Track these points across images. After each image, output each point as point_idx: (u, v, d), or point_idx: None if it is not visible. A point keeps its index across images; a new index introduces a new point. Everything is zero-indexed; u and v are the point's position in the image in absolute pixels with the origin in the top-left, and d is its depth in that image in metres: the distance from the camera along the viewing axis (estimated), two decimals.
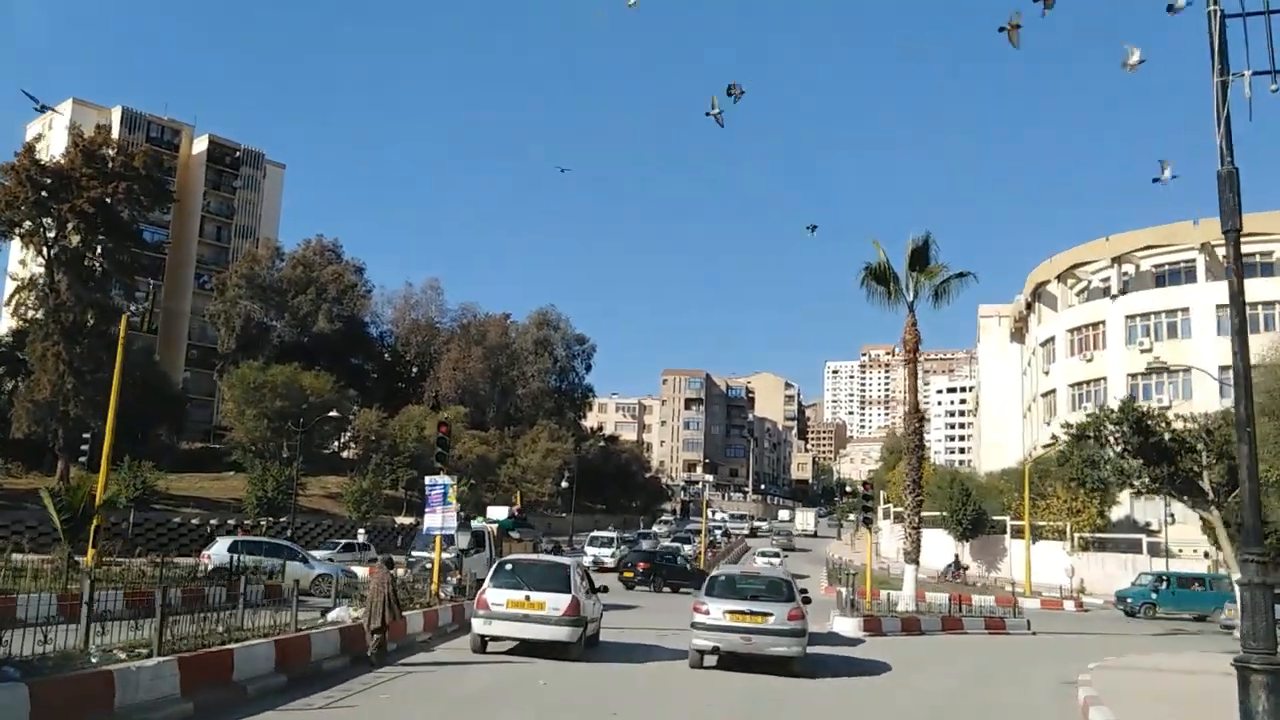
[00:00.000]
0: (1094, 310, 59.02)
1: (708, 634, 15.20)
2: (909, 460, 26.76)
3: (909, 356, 26.04)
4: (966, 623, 24.55)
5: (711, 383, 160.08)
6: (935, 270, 25.74)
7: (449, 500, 20.39)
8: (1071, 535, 48.94)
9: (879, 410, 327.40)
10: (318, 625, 14.10)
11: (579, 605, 15.67)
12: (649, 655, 17.43)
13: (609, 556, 47.27)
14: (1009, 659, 20.36)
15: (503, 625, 15.55)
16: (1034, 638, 24.56)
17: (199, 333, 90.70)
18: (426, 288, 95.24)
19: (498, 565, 17.05)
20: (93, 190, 44.10)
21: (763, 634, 15.06)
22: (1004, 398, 76.03)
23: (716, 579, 16.66)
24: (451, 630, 18.64)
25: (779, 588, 16.20)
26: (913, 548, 25.41)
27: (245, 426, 57.19)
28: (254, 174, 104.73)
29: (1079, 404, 58.16)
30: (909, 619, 23.51)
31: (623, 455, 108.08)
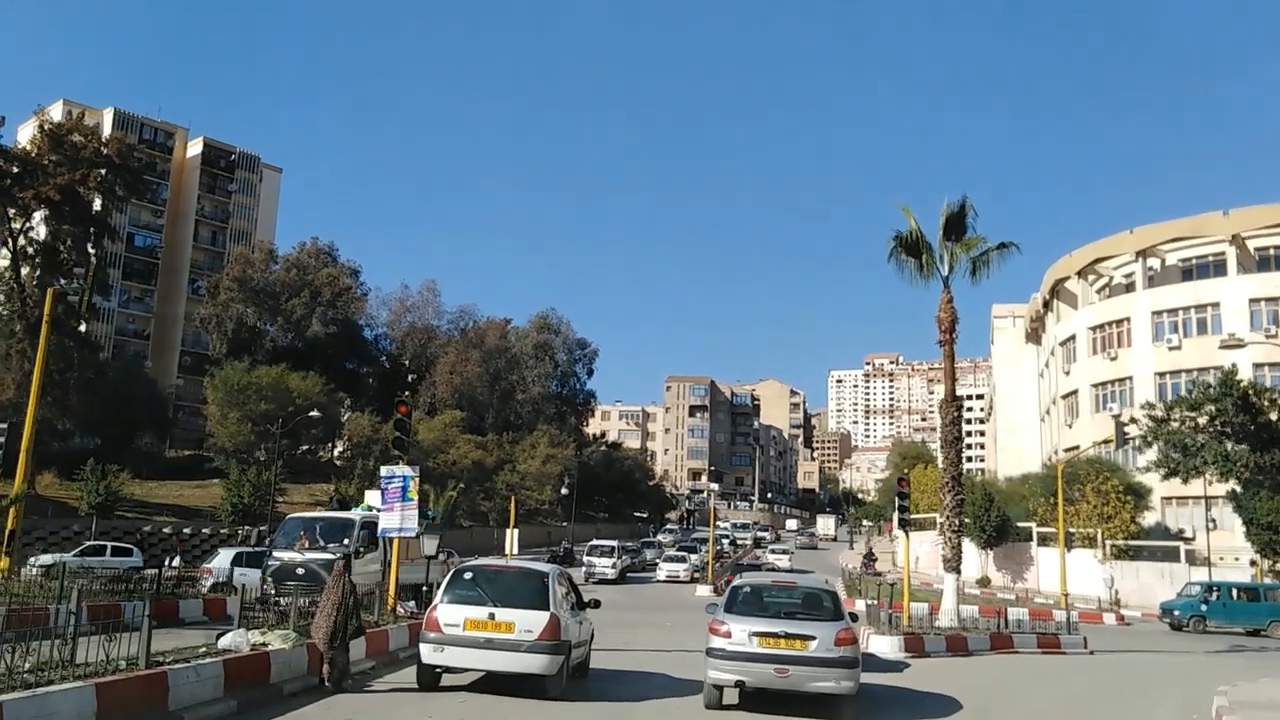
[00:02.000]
0: (1118, 306, 56.27)
1: (729, 664, 11.63)
2: (947, 454, 24.00)
3: (944, 337, 23.27)
4: (1017, 640, 21.69)
5: (716, 390, 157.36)
6: (973, 241, 22.95)
7: (409, 495, 17.19)
8: (1103, 543, 46.06)
9: (884, 419, 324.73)
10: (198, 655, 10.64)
11: (560, 626, 12.00)
12: (653, 689, 13.94)
13: (609, 568, 44.48)
14: (1092, 688, 16.98)
15: (460, 653, 11.86)
16: (1094, 658, 21.64)
17: (192, 339, 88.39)
18: (423, 290, 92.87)
19: (454, 573, 13.10)
20: (60, 178, 41.50)
21: (803, 663, 11.42)
22: (1020, 401, 73.31)
23: (739, 591, 12.76)
24: (406, 656, 14.67)
25: (821, 601, 12.46)
26: (953, 554, 22.64)
27: (228, 430, 54.57)
28: (249, 177, 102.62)
29: (1103, 405, 55.53)
30: (954, 637, 20.63)
31: (626, 463, 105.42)
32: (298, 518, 21.96)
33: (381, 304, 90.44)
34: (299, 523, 21.42)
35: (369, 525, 20.47)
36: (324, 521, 21.36)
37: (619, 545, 49.50)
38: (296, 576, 18.61)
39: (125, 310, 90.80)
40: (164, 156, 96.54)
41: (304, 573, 18.92)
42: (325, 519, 21.61)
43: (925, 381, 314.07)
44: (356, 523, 20.69)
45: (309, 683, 11.90)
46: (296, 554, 19.87)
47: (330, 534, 20.48)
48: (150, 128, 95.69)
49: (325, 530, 20.73)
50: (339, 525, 20.95)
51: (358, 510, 22.64)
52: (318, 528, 20.87)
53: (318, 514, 22.96)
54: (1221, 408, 25.96)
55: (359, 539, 20.40)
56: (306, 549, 19.99)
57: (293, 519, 21.88)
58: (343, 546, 19.93)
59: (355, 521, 20.74)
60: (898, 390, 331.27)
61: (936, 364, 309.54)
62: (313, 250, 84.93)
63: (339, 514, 22.30)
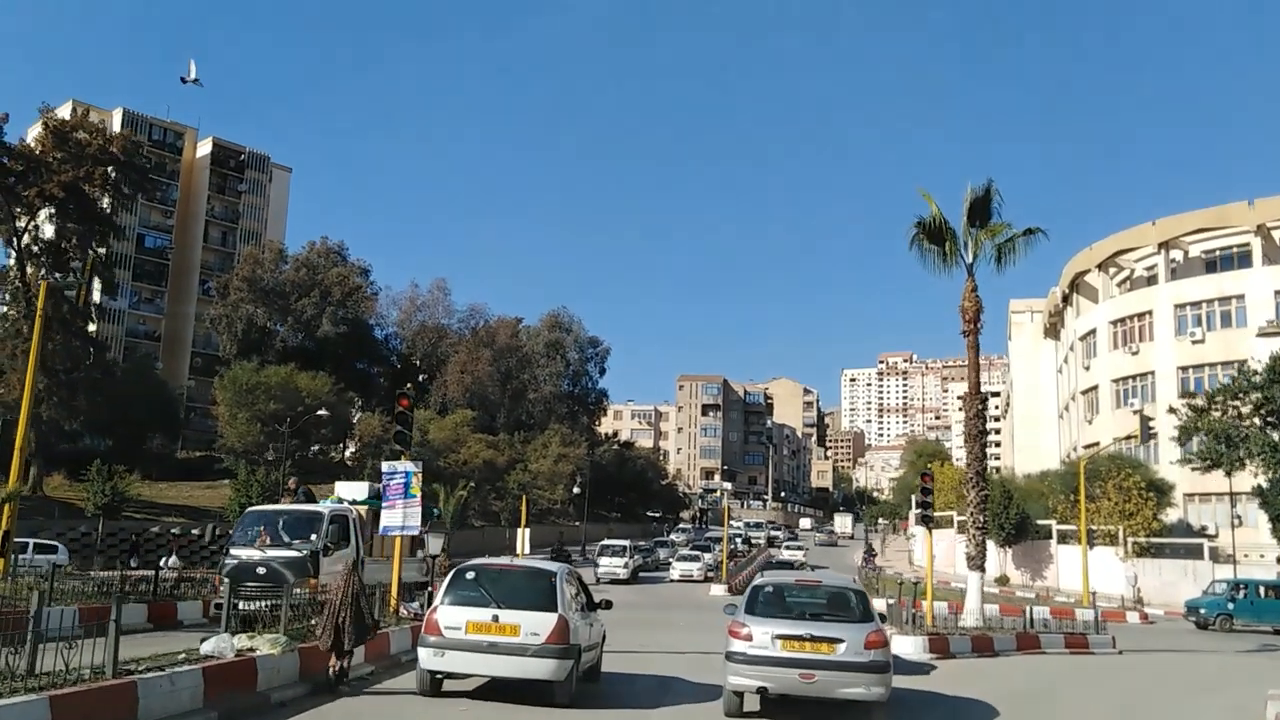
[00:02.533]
0: (1139, 300, 55.30)
1: (751, 668, 10.85)
2: (970, 449, 23.20)
3: (968, 327, 22.49)
4: (1044, 640, 20.91)
5: (729, 388, 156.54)
6: (998, 227, 22.08)
7: (412, 492, 16.37)
8: (1125, 540, 45.15)
9: (897, 418, 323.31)
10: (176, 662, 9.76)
11: (569, 628, 11.26)
12: (668, 695, 13.11)
13: (621, 567, 43.70)
14: (1132, 692, 16.04)
15: (461, 658, 11.13)
16: (1124, 658, 20.85)
17: (204, 340, 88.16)
18: (433, 288, 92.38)
19: (455, 573, 12.29)
20: (64, 175, 41.02)
21: (830, 668, 10.62)
22: (1038, 397, 72.36)
23: (760, 590, 11.94)
24: (408, 660, 13.78)
25: (848, 601, 11.68)
26: (977, 552, 21.85)
27: (237, 431, 54.12)
28: (259, 178, 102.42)
29: (1124, 400, 54.62)
30: (980, 637, 19.82)
31: (638, 462, 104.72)
32: (258, 511, 19.47)
33: (392, 303, 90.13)
34: (259, 517, 18.88)
35: (339, 519, 18.46)
36: (287, 515, 18.71)
37: (631, 544, 48.69)
38: (257, 577, 16.74)
39: (136, 312, 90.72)
40: (174, 157, 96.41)
41: (265, 572, 16.94)
42: (289, 512, 18.90)
43: (939, 380, 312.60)
44: (324, 516, 18.25)
45: (301, 690, 11.22)
46: (256, 552, 17.64)
47: (295, 529, 18.11)
48: (159, 128, 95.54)
49: (289, 525, 18.26)
50: (304, 519, 18.43)
51: (327, 503, 20.20)
52: (280, 522, 18.36)
53: (281, 506, 20.05)
54: (1269, 395, 24.99)
55: (328, 534, 17.98)
56: (268, 546, 17.73)
57: (252, 513, 19.38)
58: (309, 543, 17.74)
59: (323, 515, 18.33)
60: (911, 388, 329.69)
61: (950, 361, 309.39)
62: (322, 250, 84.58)
63: (304, 507, 19.52)
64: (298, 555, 17.32)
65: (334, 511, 18.68)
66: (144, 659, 9.55)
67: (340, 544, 18.14)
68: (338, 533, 18.15)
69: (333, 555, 17.70)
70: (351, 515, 18.95)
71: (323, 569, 17.20)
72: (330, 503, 20.01)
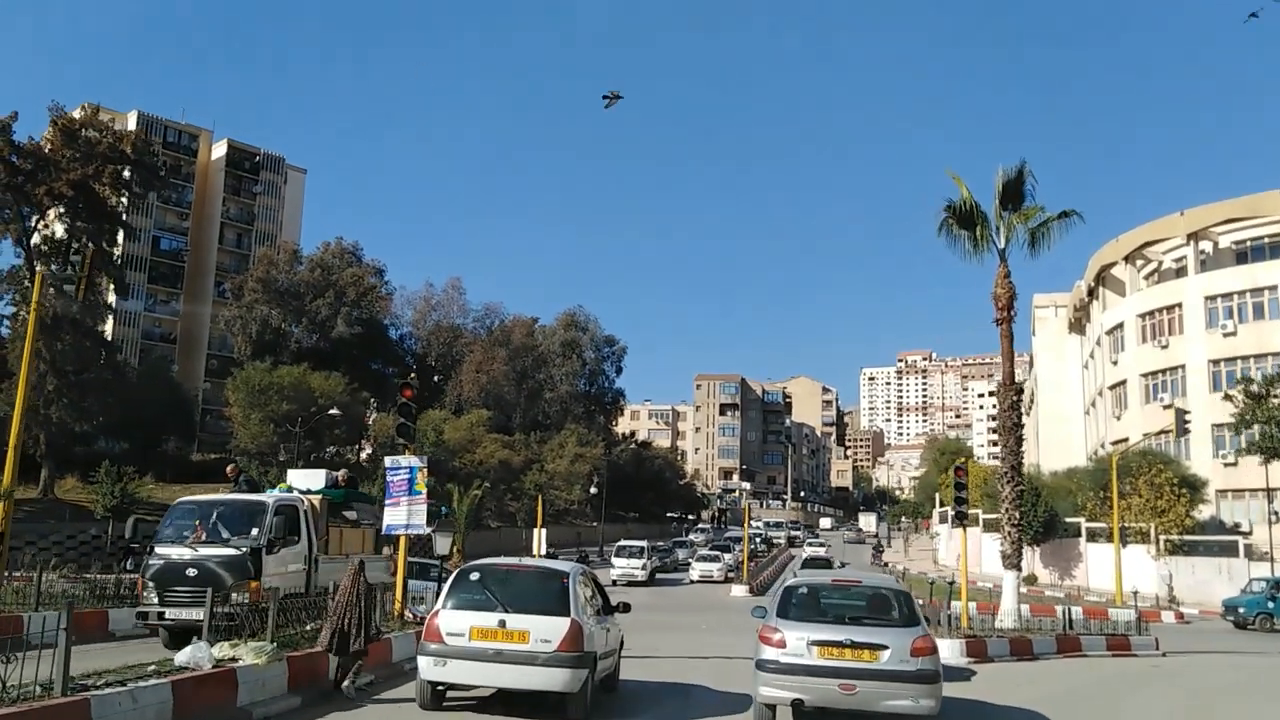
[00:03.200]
0: (1168, 292, 53.98)
1: (784, 679, 9.79)
2: (1006, 441, 22.17)
3: (1002, 315, 21.49)
4: (1085, 642, 19.91)
5: (747, 387, 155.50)
6: (1031, 211, 21.10)
7: (417, 488, 15.34)
8: (1157, 538, 43.96)
9: (917, 417, 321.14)
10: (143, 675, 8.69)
11: (583, 634, 10.24)
12: (692, 707, 12.13)
13: (639, 569, 42.72)
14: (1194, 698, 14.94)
15: (465, 667, 10.12)
16: (1170, 661, 19.82)
17: (219, 342, 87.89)
18: (448, 288, 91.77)
19: (458, 574, 11.21)
20: (73, 173, 40.53)
21: (873, 678, 9.58)
22: (1064, 393, 70.99)
23: (794, 592, 10.81)
24: (411, 668, 12.02)
25: (890, 603, 10.58)
26: (1013, 550, 20.88)
27: (250, 432, 53.60)
28: (274, 179, 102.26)
29: (1153, 395, 53.37)
30: (1018, 639, 18.86)
31: (656, 462, 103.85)
32: (190, 502, 16.77)
33: (406, 303, 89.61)
34: (191, 509, 16.17)
35: (285, 510, 15.81)
36: (225, 506, 16.06)
37: (648, 545, 47.73)
38: (187, 580, 14.49)
39: (151, 314, 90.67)
40: (188, 159, 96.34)
41: (196, 574, 14.51)
42: (227, 503, 16.24)
43: (959, 378, 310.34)
44: (269, 507, 15.58)
45: (290, 703, 10.31)
46: (187, 550, 14.94)
47: (234, 522, 15.46)
48: (174, 130, 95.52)
49: (227, 518, 15.59)
50: (245, 511, 15.72)
51: (274, 491, 17.56)
52: (216, 515, 15.65)
53: (217, 497, 17.39)
54: None
55: (272, 528, 15.27)
56: (202, 543, 15.08)
57: (183, 503, 16.59)
58: (250, 539, 15.04)
59: (267, 506, 15.65)
60: (931, 387, 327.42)
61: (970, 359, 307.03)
62: (337, 250, 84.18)
63: (244, 497, 16.73)
64: (236, 553, 14.78)
65: (280, 502, 16.04)
66: (109, 671, 8.62)
67: (287, 539, 15.62)
68: (283, 526, 15.56)
69: (279, 552, 15.35)
70: (302, 506, 16.32)
71: (267, 569, 14.88)
72: (278, 492, 17.30)
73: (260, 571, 14.74)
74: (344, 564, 16.24)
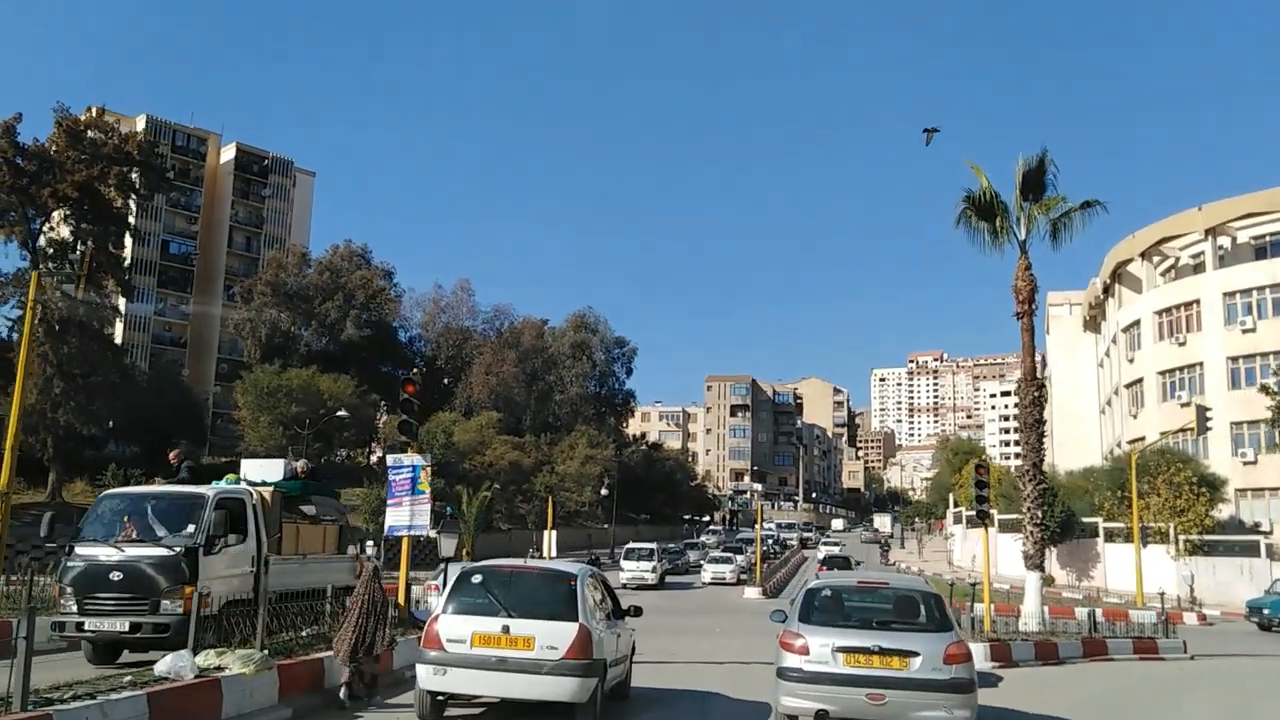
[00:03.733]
0: (1186, 288, 53.21)
1: (808, 688, 9.16)
2: (1027, 438, 21.59)
3: (1022, 308, 20.93)
4: (1111, 646, 19.32)
5: (758, 389, 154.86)
6: (1053, 201, 20.54)
7: (420, 488, 14.70)
8: (1176, 538, 43.24)
9: (928, 418, 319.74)
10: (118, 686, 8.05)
11: (592, 640, 9.65)
12: (709, 717, 11.50)
13: (648, 572, 41.97)
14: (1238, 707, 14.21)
15: (466, 676, 9.50)
16: (1201, 664, 19.21)
17: (229, 346, 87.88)
18: (457, 289, 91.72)
19: (459, 577, 10.53)
20: (78, 174, 40.30)
21: (904, 687, 8.96)
22: (1078, 392, 70.21)
23: (817, 594, 10.15)
24: (412, 676, 11.08)
25: (919, 607, 9.88)
26: (1035, 550, 20.31)
27: (259, 434, 53.44)
28: (283, 182, 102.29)
29: (1171, 393, 52.64)
30: (1044, 643, 18.26)
31: (667, 463, 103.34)
32: (118, 494, 14.80)
33: (416, 305, 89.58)
34: (120, 501, 14.17)
35: (228, 504, 13.74)
36: (158, 500, 14.02)
37: (658, 547, 47.02)
38: (111, 585, 12.67)
39: (161, 318, 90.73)
40: (197, 163, 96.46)
41: (122, 579, 12.67)
42: (161, 496, 14.23)
43: (970, 378, 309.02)
44: (208, 501, 13.53)
45: (281, 714, 9.76)
46: (112, 550, 12.95)
47: (169, 518, 13.49)
48: (183, 134, 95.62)
49: (162, 512, 13.62)
50: (181, 505, 13.74)
51: (220, 483, 15.26)
52: (149, 509, 13.67)
53: (150, 489, 15.25)
54: None
55: (211, 525, 13.23)
56: (132, 541, 13.10)
57: (111, 496, 14.59)
58: (184, 537, 13.02)
59: (206, 499, 13.59)
60: (942, 387, 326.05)
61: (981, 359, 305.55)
62: (346, 253, 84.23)
63: (181, 489, 14.68)
64: (167, 554, 12.78)
65: (222, 495, 13.92)
66: (80, 682, 8.08)
67: (231, 537, 13.60)
68: (226, 522, 13.51)
69: (221, 552, 13.31)
70: (250, 500, 14.32)
71: (205, 572, 12.92)
72: (224, 484, 15.09)
73: (196, 574, 12.79)
74: (299, 566, 15.16)
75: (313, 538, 16.26)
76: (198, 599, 10.76)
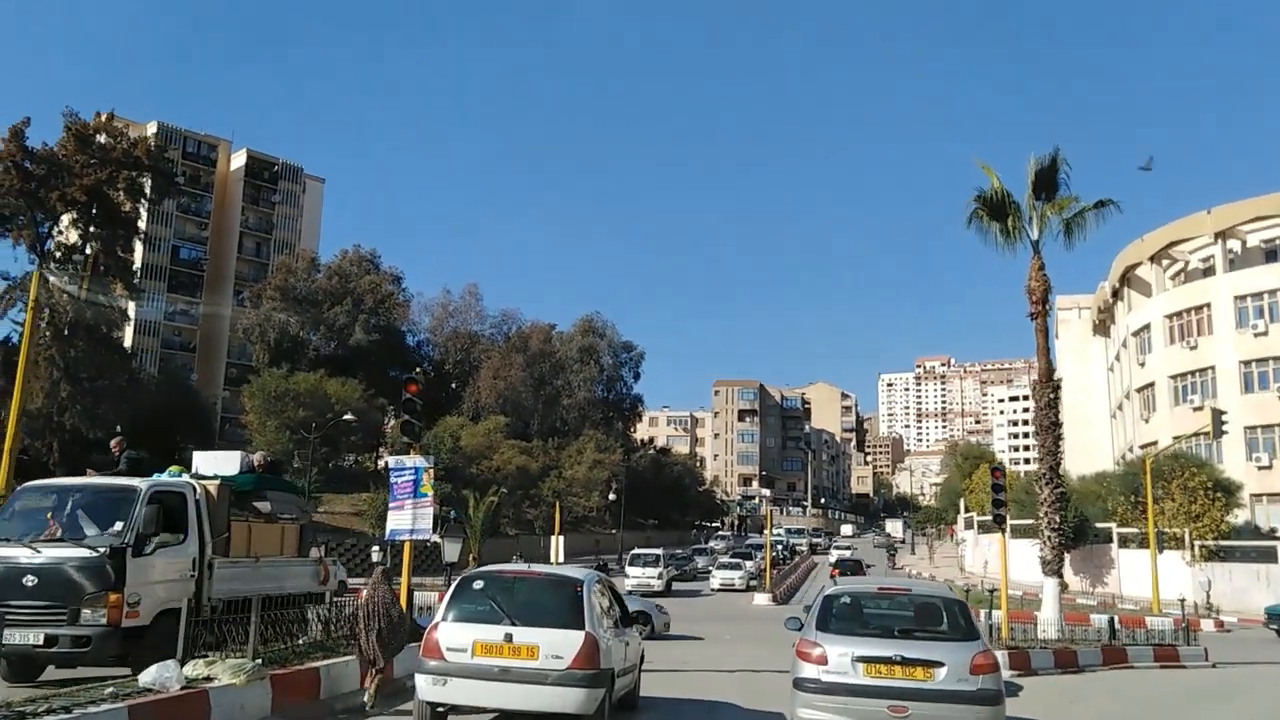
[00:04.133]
0: (1196, 292, 52.82)
1: (827, 699, 8.76)
2: (1044, 441, 21.29)
3: (1036, 309, 20.67)
4: (1131, 653, 18.94)
5: (766, 393, 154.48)
6: (1066, 200, 20.25)
7: (423, 491, 14.22)
8: (1191, 544, 42.77)
9: (936, 423, 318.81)
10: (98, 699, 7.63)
11: (599, 649, 9.22)
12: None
13: (655, 578, 41.51)
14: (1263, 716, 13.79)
15: (467, 686, 9.10)
16: (1224, 672, 18.80)
17: (239, 351, 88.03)
18: (465, 294, 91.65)
19: (459, 582, 10.09)
20: (87, 178, 40.28)
21: (928, 699, 8.52)
22: (1088, 397, 69.59)
23: (834, 601, 9.69)
24: (412, 685, 10.55)
25: (942, 614, 9.46)
26: (1054, 555, 20.06)
27: (266, 439, 53.27)
28: (293, 188, 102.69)
29: (1182, 398, 52.20)
30: (1063, 651, 17.90)
31: (675, 468, 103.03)
32: (39, 486, 12.95)
33: (424, 309, 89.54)
34: (41, 494, 12.44)
35: (163, 499, 11.98)
36: (84, 493, 12.24)
37: (664, 553, 46.58)
38: (24, 591, 11.03)
39: (171, 323, 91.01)
40: (208, 169, 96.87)
41: (37, 584, 11.04)
42: (86, 488, 12.46)
43: (978, 383, 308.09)
44: (139, 494, 11.72)
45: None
46: (29, 550, 11.21)
47: (96, 513, 11.73)
48: (194, 140, 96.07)
49: (90, 508, 11.85)
50: (109, 499, 11.92)
51: (162, 476, 13.49)
52: (74, 503, 11.94)
53: (77, 480, 13.09)
54: None
55: (142, 521, 11.48)
56: (54, 541, 11.39)
57: (30, 489, 12.82)
58: (111, 536, 11.30)
59: (138, 492, 11.77)
60: (950, 393, 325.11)
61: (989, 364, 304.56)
62: (354, 258, 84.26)
63: (110, 480, 12.73)
64: (89, 555, 11.09)
65: (157, 488, 12.11)
66: (57, 694, 7.74)
67: (170, 536, 11.92)
68: (159, 519, 11.72)
69: (153, 553, 11.55)
70: (192, 495, 12.49)
71: (133, 576, 11.21)
72: (165, 476, 13.36)
73: (124, 579, 11.09)
74: (251, 570, 13.53)
75: (268, 538, 14.61)
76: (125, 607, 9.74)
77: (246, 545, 13.78)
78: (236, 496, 13.97)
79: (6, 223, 41.82)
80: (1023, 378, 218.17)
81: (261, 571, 13.83)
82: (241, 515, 14.05)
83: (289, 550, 15.27)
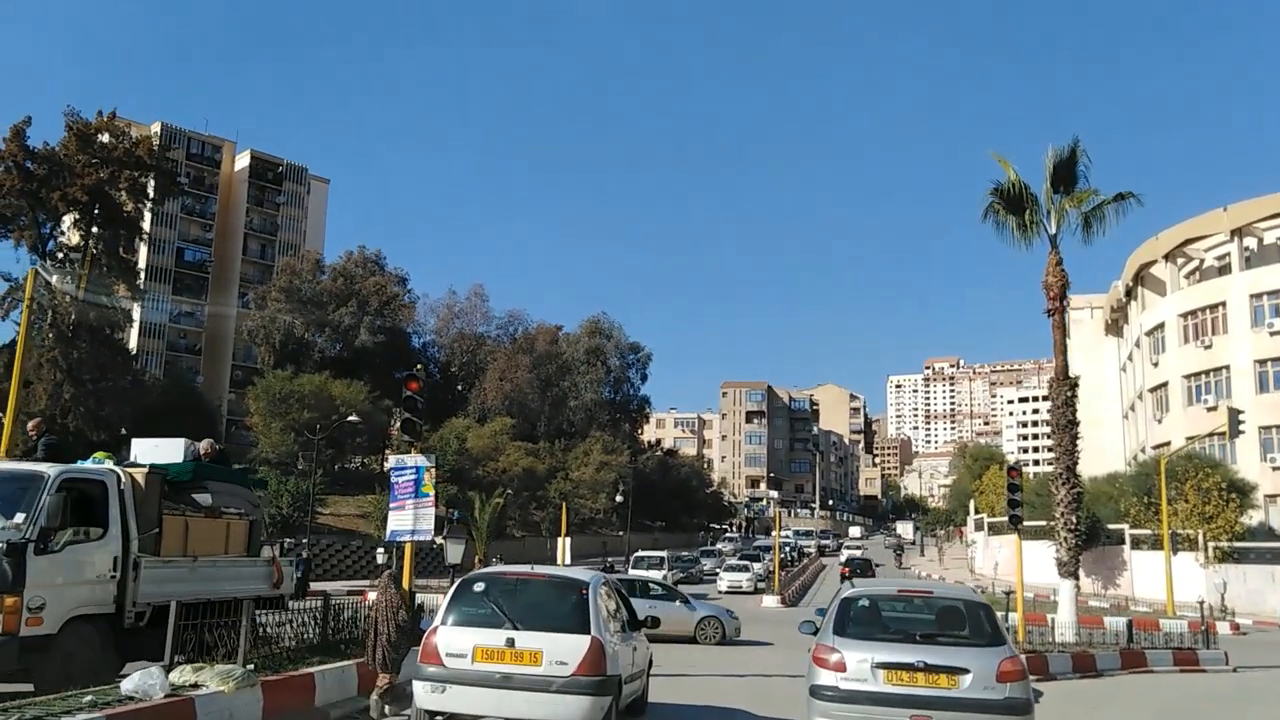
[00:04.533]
0: (1211, 290, 52.17)
1: (845, 708, 8.32)
2: (1061, 440, 20.86)
3: (1053, 305, 20.25)
4: (1150, 657, 18.47)
5: (773, 395, 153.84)
6: (1085, 194, 19.76)
7: (424, 490, 14.04)
8: (1206, 545, 42.18)
9: (944, 424, 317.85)
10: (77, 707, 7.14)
11: (605, 655, 8.77)
12: None
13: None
14: None
15: (467, 694, 8.64)
16: (1247, 676, 18.35)
17: (244, 353, 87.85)
18: (471, 295, 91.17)
19: (459, 585, 9.61)
20: (89, 178, 40.00)
21: (952, 707, 8.07)
22: (1101, 397, 68.82)
23: (852, 604, 9.21)
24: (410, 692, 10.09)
25: (966, 618, 8.99)
26: (1070, 557, 19.62)
27: (271, 440, 52.96)
28: (297, 189, 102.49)
29: (1196, 397, 51.55)
30: (1081, 655, 17.43)
31: (682, 470, 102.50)
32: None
33: (429, 311, 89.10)
34: None
35: (78, 488, 10.47)
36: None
37: (669, 555, 46.03)
38: None
39: (176, 325, 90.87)
40: (212, 170, 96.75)
41: None
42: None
43: (987, 384, 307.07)
44: (46, 481, 9.99)
45: None
46: None
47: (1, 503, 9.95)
48: (198, 141, 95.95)
49: None
50: (12, 488, 10.12)
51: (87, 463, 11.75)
52: None
53: None
54: None
55: (47, 513, 9.82)
56: None
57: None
58: (9, 529, 9.53)
59: (45, 479, 10.04)
60: (959, 394, 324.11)
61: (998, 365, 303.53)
62: (360, 259, 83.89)
63: (16, 466, 11.30)
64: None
65: (68, 475, 10.43)
66: (34, 703, 7.34)
67: (80, 530, 10.29)
68: (62, 509, 10.10)
69: (63, 549, 9.96)
70: (115, 485, 10.88)
71: (36, 575, 9.55)
72: (91, 463, 11.73)
73: (24, 576, 9.43)
74: (187, 571, 12.05)
75: (209, 535, 12.97)
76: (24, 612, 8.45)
77: (182, 543, 12.21)
78: (171, 488, 12.28)
79: (8, 223, 41.55)
80: (1032, 379, 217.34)
81: (199, 572, 12.30)
82: (177, 509, 12.41)
83: (235, 549, 13.62)
